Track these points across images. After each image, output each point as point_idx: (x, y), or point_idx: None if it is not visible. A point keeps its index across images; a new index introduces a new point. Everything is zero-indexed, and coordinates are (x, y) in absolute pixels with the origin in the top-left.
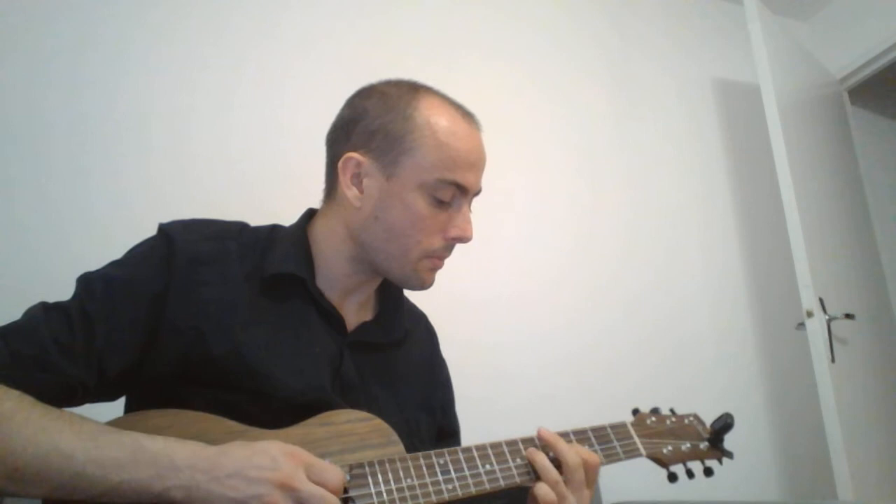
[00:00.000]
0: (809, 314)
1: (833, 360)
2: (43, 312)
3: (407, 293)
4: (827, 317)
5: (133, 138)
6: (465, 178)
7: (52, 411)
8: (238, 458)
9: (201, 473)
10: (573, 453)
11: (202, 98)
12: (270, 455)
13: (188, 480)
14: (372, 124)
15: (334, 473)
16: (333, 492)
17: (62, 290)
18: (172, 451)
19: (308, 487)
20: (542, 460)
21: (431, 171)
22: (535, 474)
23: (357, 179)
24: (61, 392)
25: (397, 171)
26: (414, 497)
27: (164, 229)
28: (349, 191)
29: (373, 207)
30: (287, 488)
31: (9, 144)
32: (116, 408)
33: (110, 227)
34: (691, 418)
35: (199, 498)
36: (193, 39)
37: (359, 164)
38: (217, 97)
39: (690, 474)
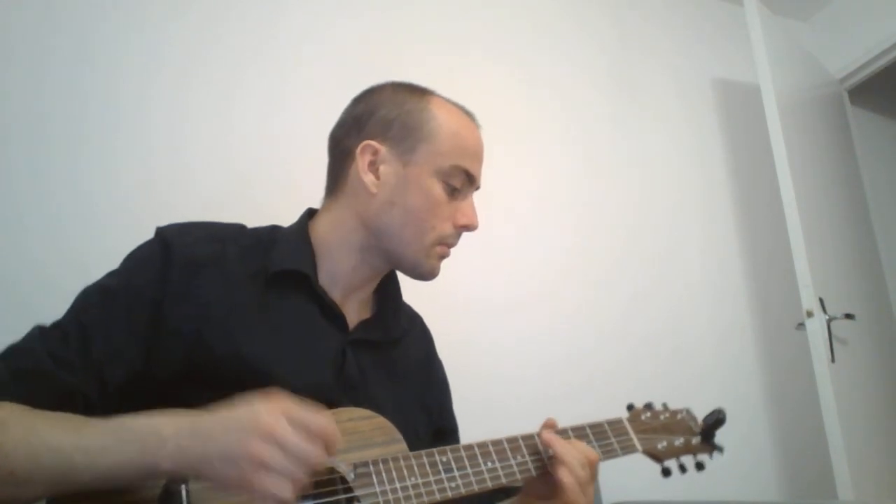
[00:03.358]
0: (809, 314)
1: (833, 360)
2: (39, 332)
3: (406, 293)
4: (827, 317)
5: (132, 138)
6: (473, 167)
7: (43, 413)
8: (220, 416)
9: (186, 439)
10: (576, 452)
11: (201, 98)
12: (252, 408)
13: (174, 448)
14: (389, 114)
15: (318, 418)
16: (323, 433)
17: (62, 291)
18: (155, 424)
19: (291, 436)
20: (562, 446)
21: (447, 157)
22: (549, 458)
23: (373, 167)
24: (59, 401)
25: (415, 157)
26: (418, 495)
27: (160, 233)
28: (366, 177)
29: (389, 193)
30: (270, 438)
31: (8, 144)
32: None
33: (110, 228)
34: (684, 413)
35: (187, 464)
36: (192, 39)
37: (376, 152)
38: (216, 97)
39: (683, 469)
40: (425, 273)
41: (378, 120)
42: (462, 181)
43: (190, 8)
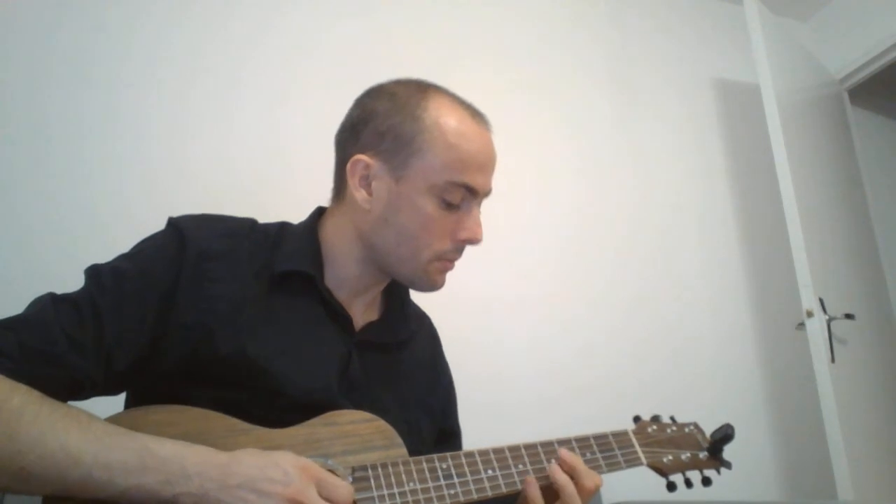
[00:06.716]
0: (809, 314)
1: (833, 360)
2: (52, 305)
3: (410, 292)
4: (827, 317)
5: (133, 138)
6: (474, 180)
7: (60, 408)
8: (250, 468)
9: (211, 482)
10: (591, 481)
11: (203, 97)
12: (282, 468)
13: (198, 488)
14: (381, 126)
15: (344, 490)
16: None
17: (63, 290)
18: (182, 456)
19: None
20: (569, 486)
21: (441, 173)
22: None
23: (366, 182)
24: (68, 387)
25: (406, 173)
26: (416, 502)
27: (174, 223)
28: (358, 193)
29: (382, 210)
30: None
31: (9, 144)
32: (117, 403)
33: (111, 228)
34: (691, 427)
35: None
36: (194, 39)
37: (367, 167)
38: (218, 97)
39: (689, 483)
40: (426, 288)
41: (371, 131)
42: (461, 195)
43: (190, 8)
